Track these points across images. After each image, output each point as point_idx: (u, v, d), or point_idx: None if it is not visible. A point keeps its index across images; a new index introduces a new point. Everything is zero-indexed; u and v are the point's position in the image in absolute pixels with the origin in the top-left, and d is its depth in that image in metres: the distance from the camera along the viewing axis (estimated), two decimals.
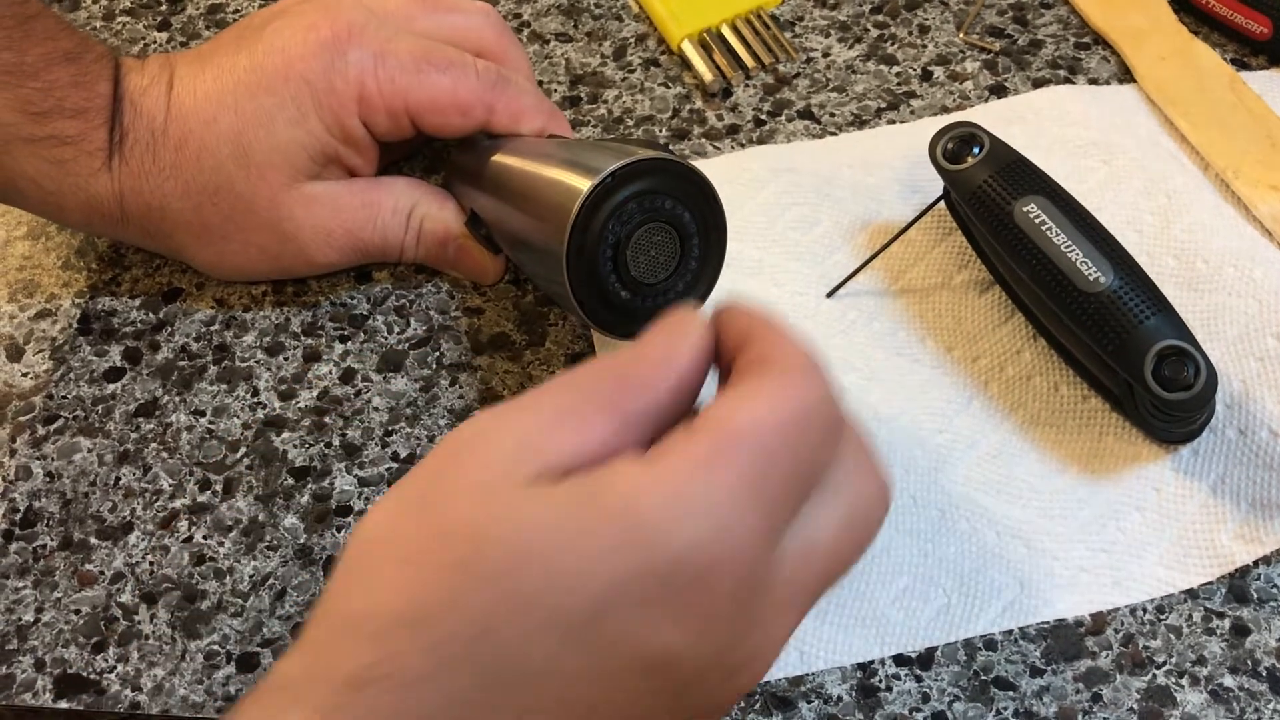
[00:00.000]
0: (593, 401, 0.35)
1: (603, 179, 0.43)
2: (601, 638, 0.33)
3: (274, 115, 0.50)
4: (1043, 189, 0.50)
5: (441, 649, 0.32)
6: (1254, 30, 0.61)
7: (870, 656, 0.46)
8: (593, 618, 0.33)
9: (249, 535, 0.49)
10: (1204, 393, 0.46)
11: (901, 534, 0.48)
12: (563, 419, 0.34)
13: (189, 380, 0.53)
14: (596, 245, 0.44)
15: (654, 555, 0.33)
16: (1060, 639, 0.46)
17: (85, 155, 0.51)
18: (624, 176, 0.44)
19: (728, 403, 0.34)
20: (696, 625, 0.33)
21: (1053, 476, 0.49)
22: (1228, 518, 0.48)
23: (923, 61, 0.62)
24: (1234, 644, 0.45)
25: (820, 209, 0.57)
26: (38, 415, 0.53)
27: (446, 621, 0.32)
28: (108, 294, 0.56)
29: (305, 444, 0.51)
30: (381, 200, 0.53)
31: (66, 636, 0.47)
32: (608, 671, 0.33)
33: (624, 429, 0.35)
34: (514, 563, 0.33)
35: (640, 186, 0.44)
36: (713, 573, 0.33)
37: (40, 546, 0.49)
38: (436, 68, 0.51)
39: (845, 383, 0.52)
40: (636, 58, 0.63)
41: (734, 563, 0.33)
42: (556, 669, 0.33)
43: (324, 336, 0.54)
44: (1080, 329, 0.47)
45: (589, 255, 0.44)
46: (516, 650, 0.32)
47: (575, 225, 0.44)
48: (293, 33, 0.51)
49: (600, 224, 0.44)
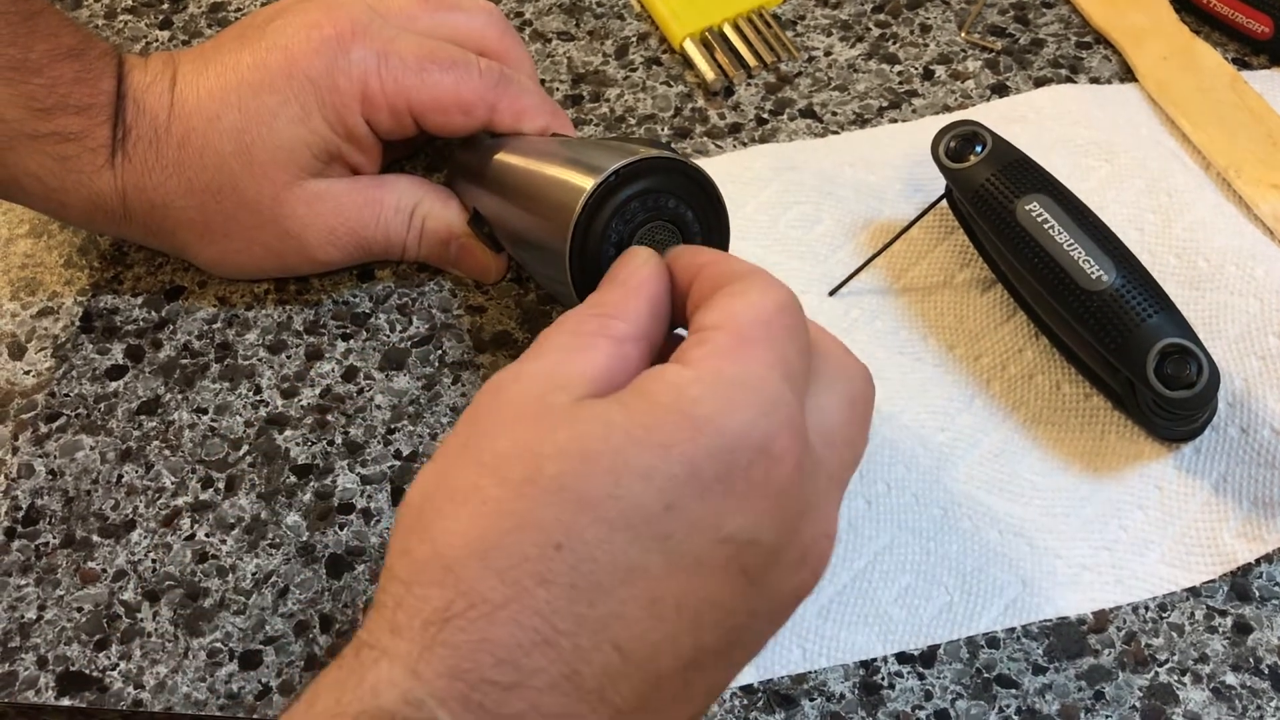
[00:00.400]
0: (584, 335, 0.37)
1: (606, 177, 0.43)
2: (677, 528, 0.33)
3: (277, 113, 0.50)
4: (1045, 187, 0.50)
5: (516, 571, 0.32)
6: (1255, 29, 0.61)
7: (873, 654, 0.46)
8: (665, 509, 0.33)
9: (251, 533, 0.49)
10: (1206, 391, 0.46)
11: (904, 532, 0.48)
12: (569, 353, 0.37)
13: (191, 378, 0.53)
14: (599, 244, 0.44)
15: (713, 439, 0.34)
16: (1063, 637, 0.46)
17: (88, 152, 0.51)
18: (627, 175, 0.44)
19: (723, 305, 0.37)
20: (764, 504, 0.35)
21: (1055, 474, 0.49)
22: (1230, 516, 0.48)
23: (924, 60, 0.63)
24: (1236, 642, 0.46)
25: (822, 208, 0.57)
26: (40, 413, 0.53)
27: (516, 544, 0.33)
28: (110, 292, 0.56)
29: (307, 442, 0.51)
30: (384, 198, 0.53)
31: (69, 634, 0.47)
32: (687, 564, 0.34)
33: (619, 351, 0.37)
34: (576, 469, 0.33)
35: (643, 185, 0.44)
36: (770, 448, 0.35)
37: (43, 544, 0.49)
38: (440, 66, 0.51)
39: None
40: (638, 56, 0.63)
41: (786, 436, 0.35)
42: (637, 568, 0.33)
43: (326, 334, 0.54)
44: (1082, 327, 0.47)
45: (592, 254, 0.44)
46: (593, 557, 0.33)
47: (578, 224, 0.44)
48: (296, 30, 0.51)
49: (603, 223, 0.44)
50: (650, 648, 0.34)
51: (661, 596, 0.33)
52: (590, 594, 0.33)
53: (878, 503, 0.49)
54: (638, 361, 0.38)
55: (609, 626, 0.33)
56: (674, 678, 0.34)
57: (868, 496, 0.49)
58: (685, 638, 0.34)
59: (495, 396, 0.36)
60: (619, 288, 0.40)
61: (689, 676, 0.35)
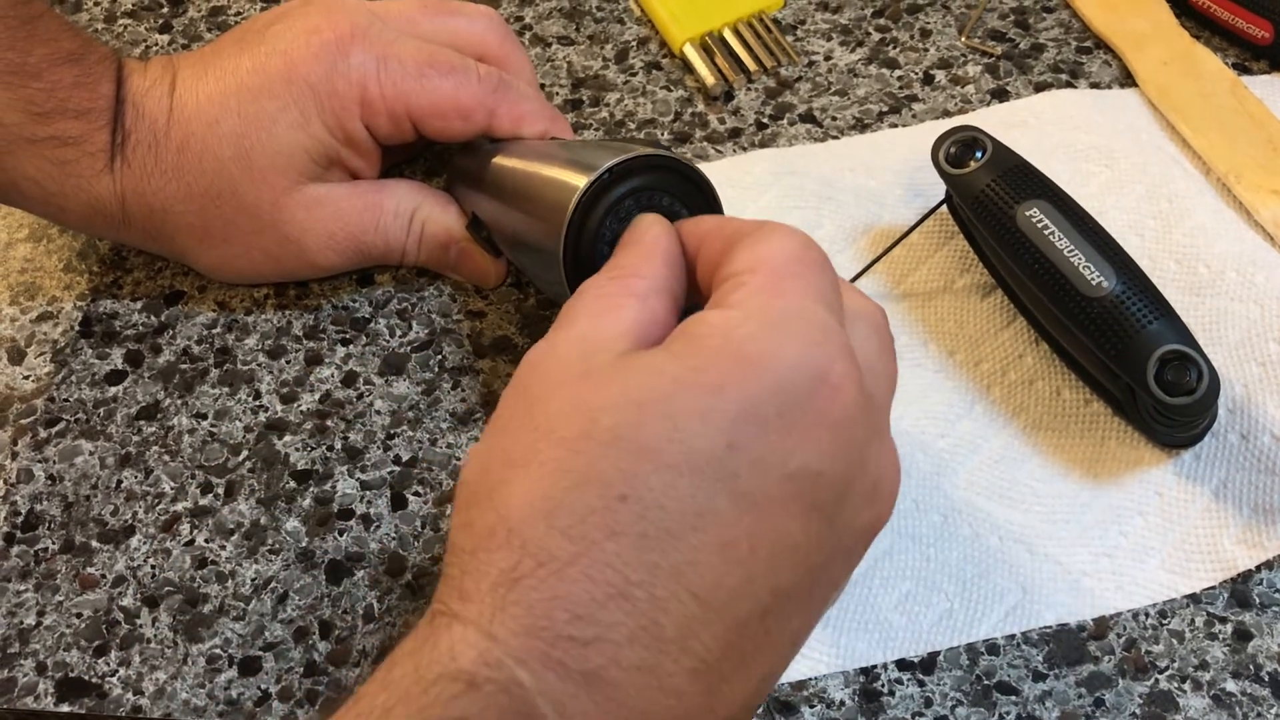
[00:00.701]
0: (608, 297, 0.38)
1: (599, 175, 0.43)
2: (742, 467, 0.33)
3: (276, 118, 0.50)
4: (1045, 193, 0.50)
5: (582, 527, 0.32)
6: (1255, 35, 0.61)
7: (873, 661, 0.46)
8: (728, 449, 0.33)
9: (251, 539, 0.49)
10: (1206, 398, 0.46)
11: (904, 539, 0.48)
12: (598, 316, 0.37)
13: (190, 383, 0.53)
14: (594, 242, 0.44)
15: (769, 375, 0.34)
16: (1063, 643, 0.46)
17: (87, 157, 0.51)
18: (621, 173, 0.44)
19: (750, 250, 0.37)
20: (827, 435, 0.34)
21: (1055, 481, 0.49)
22: (1230, 522, 0.48)
23: (924, 65, 0.63)
24: (1236, 649, 0.46)
25: (822, 212, 0.57)
26: (39, 418, 0.53)
27: (580, 499, 0.33)
28: (109, 296, 0.56)
29: (307, 447, 0.51)
30: (383, 203, 0.53)
31: (68, 640, 0.47)
32: (757, 502, 0.34)
33: (646, 305, 0.38)
34: (631, 418, 0.33)
35: (637, 183, 0.44)
36: (829, 377, 0.35)
37: (42, 550, 0.49)
38: (439, 72, 0.51)
39: None
40: (638, 61, 0.63)
41: (843, 363, 0.35)
42: (706, 511, 0.33)
43: (326, 339, 0.54)
44: (1083, 333, 0.47)
45: (586, 253, 0.44)
46: (659, 504, 0.33)
47: (571, 222, 0.44)
48: (295, 35, 0.51)
49: (597, 221, 0.44)
50: (728, 593, 0.33)
51: (734, 539, 0.33)
52: (661, 542, 0.33)
53: None
54: (665, 315, 0.38)
55: (684, 574, 0.33)
56: (754, 623, 0.34)
57: None
58: (762, 581, 0.34)
59: (536, 368, 0.36)
60: (633, 248, 0.41)
61: (768, 623, 0.35)
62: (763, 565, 0.34)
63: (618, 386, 0.34)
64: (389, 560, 0.48)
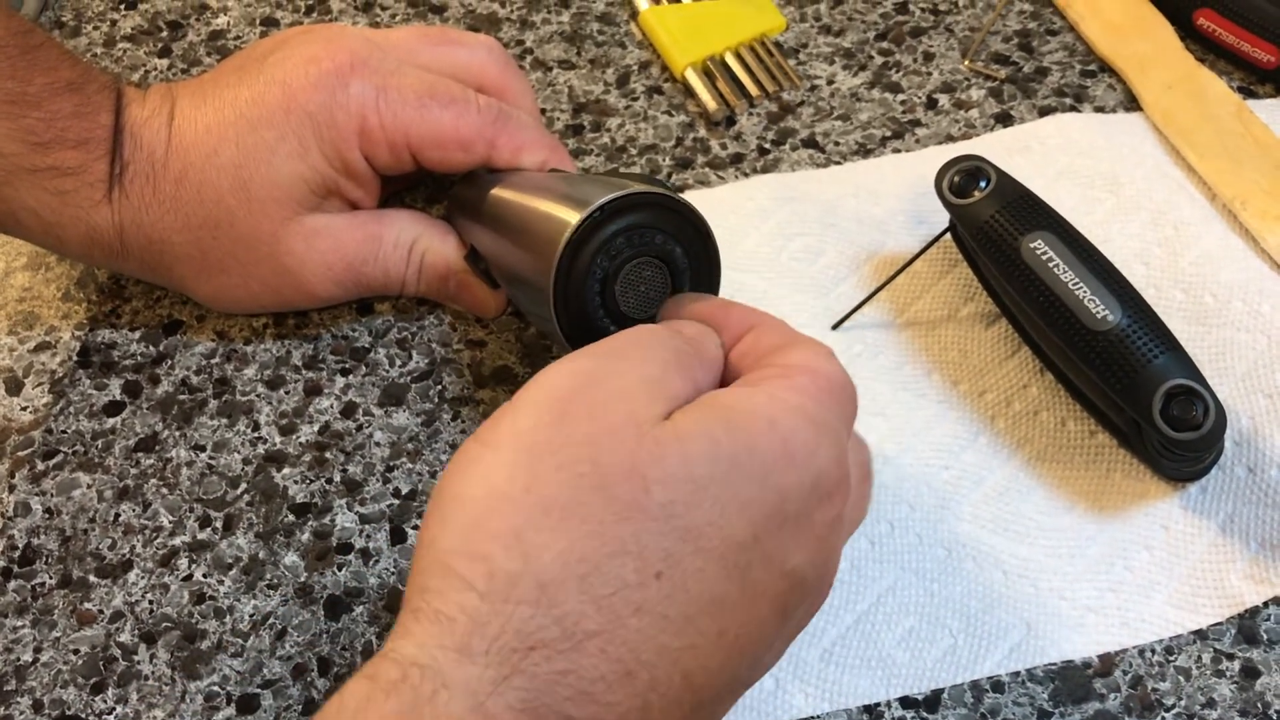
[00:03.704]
0: (683, 361, 0.38)
1: (590, 213, 0.43)
2: (756, 559, 0.34)
3: (275, 149, 0.50)
4: (1050, 225, 0.49)
5: (613, 599, 0.32)
6: (1261, 59, 0.60)
7: (876, 699, 0.45)
8: (753, 540, 0.34)
9: (249, 573, 0.49)
10: (1213, 433, 0.45)
11: (907, 573, 0.48)
12: (668, 369, 0.37)
13: (189, 414, 0.53)
14: (584, 279, 0.43)
15: (803, 473, 0.35)
16: (1068, 681, 0.45)
17: (86, 187, 0.50)
18: (614, 210, 0.43)
19: (804, 353, 0.38)
20: (817, 544, 0.36)
21: (1060, 514, 0.49)
22: (1237, 557, 0.47)
23: (927, 89, 0.62)
24: (1244, 686, 0.45)
25: (825, 239, 0.57)
26: (37, 450, 0.52)
27: (618, 570, 0.32)
28: (108, 326, 0.56)
29: (306, 480, 0.51)
30: (383, 233, 0.53)
31: (65, 677, 0.47)
32: (756, 594, 0.34)
33: (696, 394, 0.37)
34: (686, 497, 0.33)
35: (630, 220, 0.43)
36: (835, 493, 0.36)
37: (39, 585, 0.49)
38: (439, 102, 0.50)
39: None
40: (640, 85, 0.63)
41: (845, 485, 0.36)
42: (719, 598, 0.33)
43: (325, 370, 0.54)
44: (1088, 367, 0.47)
45: (576, 289, 0.44)
46: (686, 586, 0.33)
47: (562, 259, 0.43)
48: (294, 64, 0.51)
49: (588, 258, 0.43)
50: (707, 677, 0.34)
51: (728, 627, 0.34)
52: (677, 624, 0.32)
53: (881, 543, 0.48)
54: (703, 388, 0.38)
55: (683, 658, 0.33)
56: (710, 706, 0.35)
57: (871, 537, 0.48)
58: (731, 667, 0.34)
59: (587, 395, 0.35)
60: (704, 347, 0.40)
61: (716, 709, 0.35)
62: (735, 653, 0.34)
63: (677, 459, 0.33)
64: (388, 595, 0.48)
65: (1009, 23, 0.65)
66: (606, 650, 0.31)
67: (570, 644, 0.31)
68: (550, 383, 0.36)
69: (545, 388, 0.35)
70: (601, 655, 0.31)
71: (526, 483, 0.33)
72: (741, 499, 0.34)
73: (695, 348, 0.39)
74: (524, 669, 0.31)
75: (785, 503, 0.34)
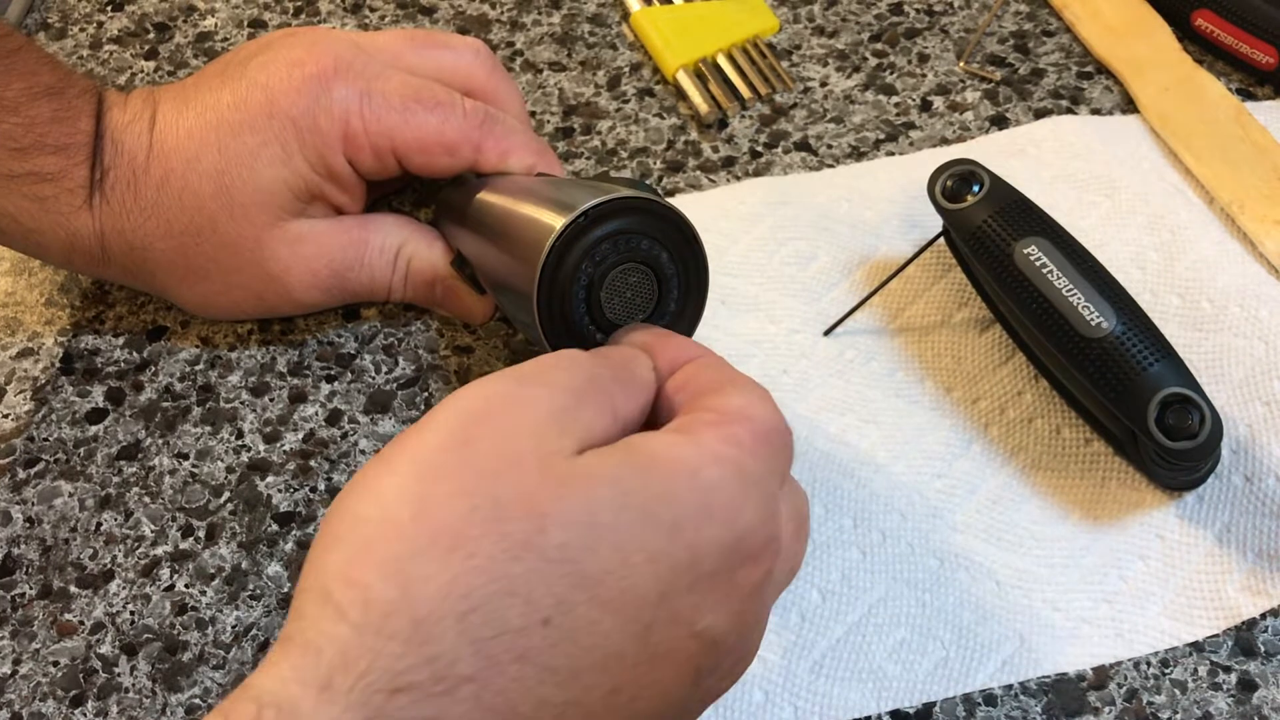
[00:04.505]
0: (600, 389, 0.35)
1: (575, 218, 0.42)
2: (660, 618, 0.32)
3: (257, 154, 0.49)
4: (1044, 230, 0.49)
5: (494, 643, 0.30)
6: (1260, 60, 0.60)
7: (867, 712, 0.45)
8: (660, 597, 0.32)
9: (232, 584, 0.48)
10: (1209, 442, 0.44)
11: (899, 584, 0.47)
12: (583, 398, 0.35)
13: (172, 422, 0.52)
14: (569, 285, 0.43)
15: (722, 531, 0.33)
16: (1062, 694, 0.45)
17: (66, 193, 0.50)
18: (599, 215, 0.43)
19: (741, 398, 0.36)
20: (736, 606, 0.34)
21: (1054, 523, 0.48)
22: (1233, 568, 0.46)
23: (922, 91, 0.61)
24: (1241, 699, 0.44)
25: (818, 244, 0.56)
26: (18, 458, 0.52)
27: (501, 612, 0.30)
28: (91, 332, 0.55)
29: (290, 488, 0.50)
30: (368, 239, 0.52)
31: (44, 689, 0.46)
32: (657, 655, 0.32)
33: (615, 423, 0.35)
34: (584, 541, 0.31)
35: (616, 226, 0.43)
36: (760, 554, 0.34)
37: (19, 595, 0.48)
38: (424, 106, 0.50)
39: (842, 424, 0.51)
40: (631, 88, 0.62)
41: (773, 546, 0.34)
42: (614, 655, 0.31)
43: (310, 376, 0.53)
44: (1082, 375, 0.46)
45: (561, 295, 0.43)
46: (575, 638, 0.30)
47: (546, 264, 0.42)
48: (277, 68, 0.50)
49: (573, 264, 0.43)
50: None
51: (622, 686, 0.32)
52: (562, 677, 0.31)
53: (872, 553, 0.48)
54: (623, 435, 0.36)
55: (566, 714, 0.31)
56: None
57: (862, 546, 0.48)
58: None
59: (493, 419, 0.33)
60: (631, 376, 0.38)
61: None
62: (632, 715, 0.32)
63: (580, 500, 0.31)
64: None
65: (1005, 24, 0.64)
66: (480, 698, 0.29)
67: (441, 688, 0.29)
68: (460, 405, 0.34)
69: (455, 409, 0.34)
70: (474, 703, 0.29)
71: (417, 508, 0.31)
72: (648, 551, 0.31)
73: (618, 372, 0.37)
74: (387, 712, 0.29)
75: (700, 560, 0.32)
